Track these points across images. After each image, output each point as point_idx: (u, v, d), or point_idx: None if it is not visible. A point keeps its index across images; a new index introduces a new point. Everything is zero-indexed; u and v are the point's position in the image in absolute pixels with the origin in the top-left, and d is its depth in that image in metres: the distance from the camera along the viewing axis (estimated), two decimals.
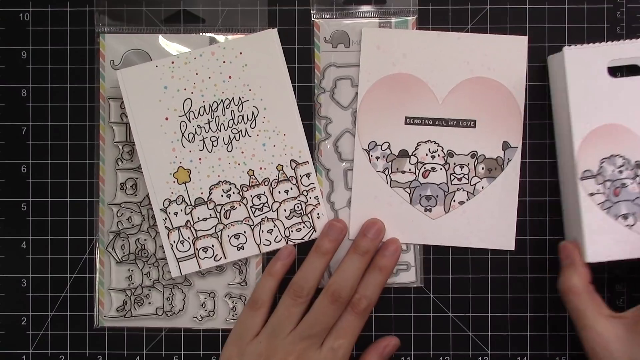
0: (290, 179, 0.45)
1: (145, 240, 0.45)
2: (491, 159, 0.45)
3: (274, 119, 0.45)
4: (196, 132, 0.44)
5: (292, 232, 0.45)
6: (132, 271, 0.46)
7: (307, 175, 0.45)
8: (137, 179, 0.45)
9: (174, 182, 0.44)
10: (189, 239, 0.44)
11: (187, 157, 0.44)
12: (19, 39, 0.46)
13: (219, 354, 0.45)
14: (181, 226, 0.44)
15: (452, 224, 0.45)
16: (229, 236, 0.45)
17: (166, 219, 0.44)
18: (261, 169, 0.45)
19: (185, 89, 0.44)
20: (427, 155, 0.45)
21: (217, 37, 0.45)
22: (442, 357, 0.46)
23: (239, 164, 0.44)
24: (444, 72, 0.44)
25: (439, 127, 0.45)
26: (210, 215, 0.44)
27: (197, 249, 0.45)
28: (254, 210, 0.45)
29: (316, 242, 0.43)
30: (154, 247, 0.45)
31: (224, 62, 0.44)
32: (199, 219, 0.44)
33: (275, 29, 0.45)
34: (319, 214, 0.45)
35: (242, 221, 0.45)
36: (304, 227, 0.45)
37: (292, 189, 0.45)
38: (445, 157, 0.45)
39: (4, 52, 0.46)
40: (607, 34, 0.45)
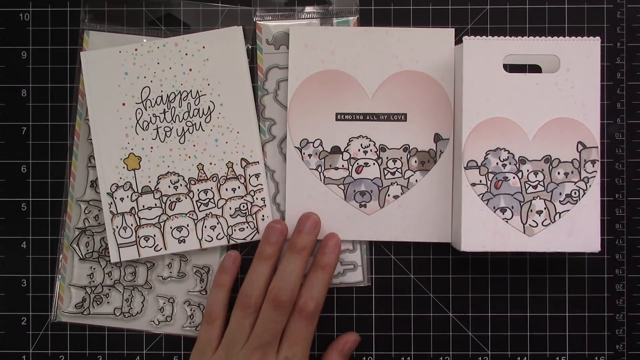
0: (239, 177, 0.45)
1: None
2: (424, 152, 0.45)
3: (229, 115, 0.45)
4: (151, 121, 0.44)
5: (235, 230, 0.45)
6: (94, 269, 0.45)
7: (257, 175, 0.45)
8: None
9: (124, 167, 0.44)
10: (131, 225, 0.44)
11: (140, 144, 0.44)
12: (19, 39, 0.46)
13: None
14: (125, 212, 0.44)
15: (388, 218, 0.45)
16: (171, 228, 0.45)
17: (111, 203, 0.44)
18: (211, 164, 0.45)
19: (145, 77, 0.44)
20: (359, 150, 0.45)
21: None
22: (442, 357, 0.46)
23: (189, 157, 0.44)
24: (373, 67, 0.45)
25: (370, 122, 0.45)
26: (155, 204, 0.44)
27: (139, 237, 0.44)
28: (199, 204, 0.45)
29: (258, 247, 0.43)
30: None
31: (186, 54, 0.44)
32: (143, 207, 0.44)
33: (240, 27, 0.45)
34: (263, 216, 0.45)
35: (186, 214, 0.45)
36: (247, 227, 0.45)
37: (239, 188, 0.45)
38: (377, 152, 0.45)
39: (4, 52, 0.46)
40: (607, 34, 0.45)
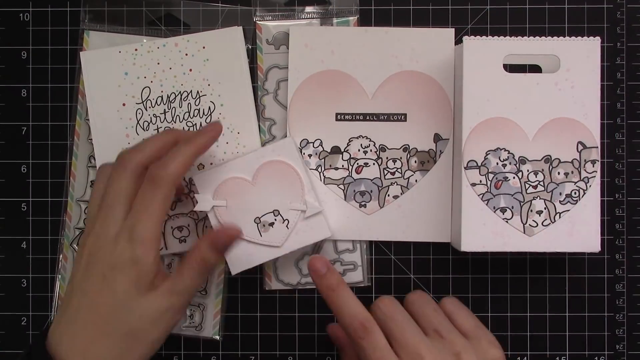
0: None
1: None
2: (423, 152, 0.45)
3: (230, 116, 0.45)
4: (151, 121, 0.44)
5: None
6: None
7: None
8: None
9: None
10: None
11: None
12: (19, 39, 0.46)
13: (219, 354, 0.45)
14: None
15: (387, 218, 0.45)
16: (172, 227, 0.45)
17: None
18: (211, 164, 0.44)
19: (145, 77, 0.44)
20: (359, 150, 0.45)
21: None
22: None
23: None
24: (373, 67, 0.45)
25: (370, 122, 0.45)
26: None
27: None
28: None
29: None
30: None
31: (186, 54, 0.44)
32: None
33: (240, 27, 0.45)
34: None
35: (187, 214, 0.45)
36: None
37: None
38: (377, 152, 0.45)
39: (4, 52, 0.46)
40: (607, 34, 0.45)
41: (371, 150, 0.45)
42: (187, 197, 0.44)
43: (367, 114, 0.45)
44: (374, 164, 0.45)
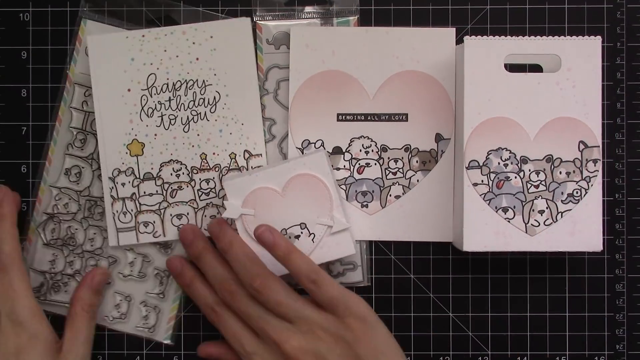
0: (241, 169, 0.45)
1: (76, 229, 0.45)
2: (425, 152, 0.45)
3: (235, 107, 0.45)
4: (156, 108, 0.44)
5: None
6: (56, 256, 0.45)
7: (259, 168, 0.44)
8: (83, 168, 0.45)
9: (127, 153, 0.44)
10: (131, 211, 0.44)
11: (143, 130, 0.44)
12: (19, 39, 0.46)
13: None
14: (126, 197, 0.44)
15: (389, 218, 0.45)
16: (171, 215, 0.45)
17: (112, 188, 0.44)
18: (214, 154, 0.45)
19: (151, 64, 0.44)
20: (360, 151, 0.45)
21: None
22: (442, 357, 0.46)
23: (192, 146, 0.44)
24: (374, 67, 0.45)
25: (371, 123, 0.45)
26: (156, 191, 0.44)
27: (138, 223, 0.44)
28: (200, 193, 0.45)
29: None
30: (84, 238, 0.45)
31: (193, 43, 0.44)
32: (144, 193, 0.44)
33: (248, 18, 0.45)
34: None
35: (187, 202, 0.45)
36: None
37: None
38: (379, 152, 0.45)
39: (4, 52, 0.46)
40: (607, 34, 0.45)
41: (372, 150, 0.45)
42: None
43: (369, 114, 0.45)
44: (375, 164, 0.45)
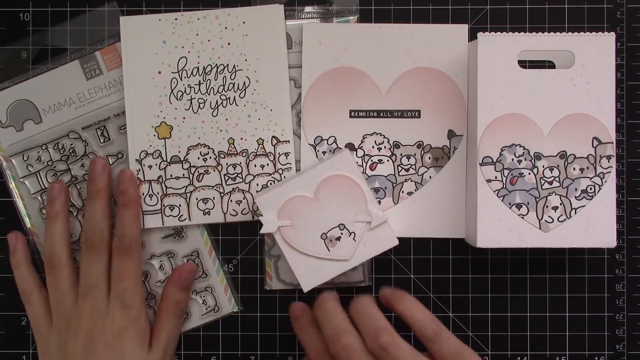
0: (268, 154, 0.45)
1: None
2: (437, 148, 0.45)
3: (264, 92, 0.45)
4: (185, 91, 0.44)
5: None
6: None
7: (286, 154, 0.45)
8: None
9: (155, 135, 0.44)
10: (157, 194, 0.44)
11: (172, 113, 0.44)
12: (19, 39, 0.46)
13: (218, 354, 0.45)
14: (153, 180, 0.44)
15: (401, 215, 0.45)
16: (197, 199, 0.45)
17: (139, 170, 0.44)
18: (242, 139, 0.45)
19: (183, 47, 0.44)
20: (373, 147, 0.45)
21: None
22: None
23: (220, 130, 0.44)
24: (387, 63, 0.45)
25: (383, 119, 0.45)
26: (183, 175, 0.44)
27: (164, 206, 0.44)
28: (227, 178, 0.45)
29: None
30: None
31: (225, 27, 0.44)
32: (171, 176, 0.44)
33: (282, 5, 0.44)
34: None
35: (213, 187, 0.45)
36: None
37: (268, 165, 0.45)
38: (391, 149, 0.45)
39: (4, 52, 0.46)
40: None
41: (385, 147, 0.45)
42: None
43: (381, 111, 0.45)
44: (388, 160, 0.45)
